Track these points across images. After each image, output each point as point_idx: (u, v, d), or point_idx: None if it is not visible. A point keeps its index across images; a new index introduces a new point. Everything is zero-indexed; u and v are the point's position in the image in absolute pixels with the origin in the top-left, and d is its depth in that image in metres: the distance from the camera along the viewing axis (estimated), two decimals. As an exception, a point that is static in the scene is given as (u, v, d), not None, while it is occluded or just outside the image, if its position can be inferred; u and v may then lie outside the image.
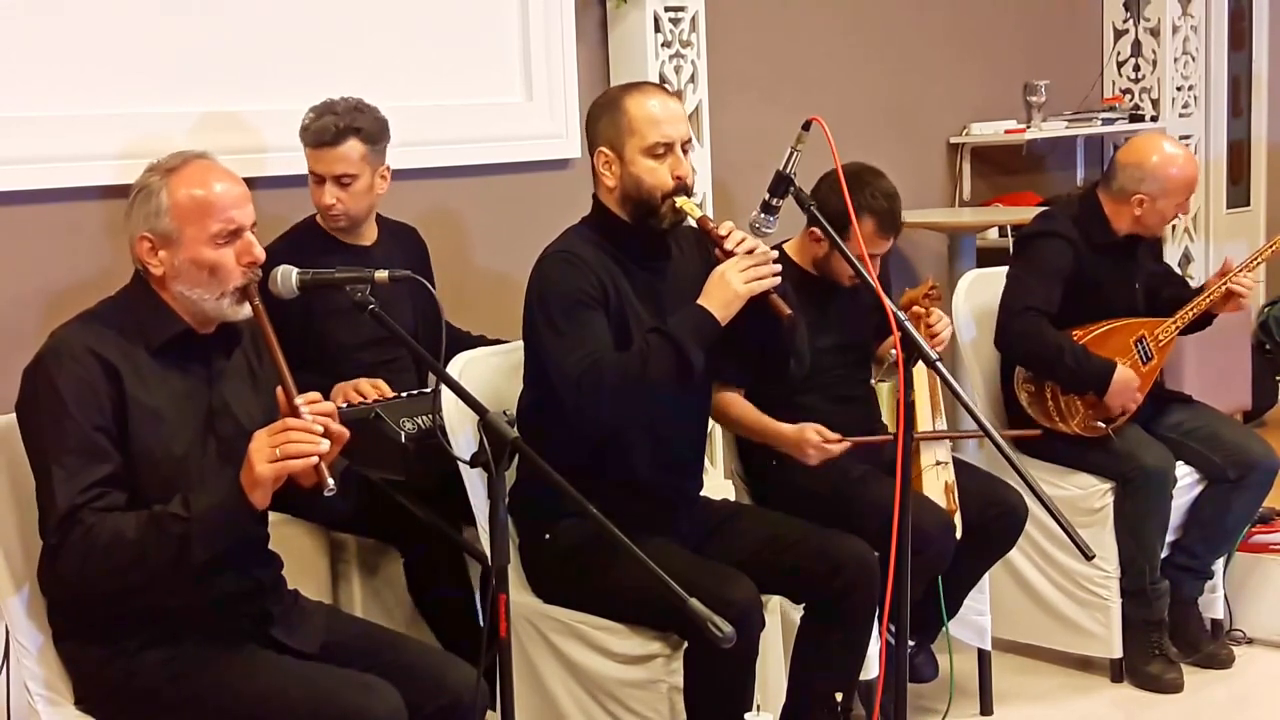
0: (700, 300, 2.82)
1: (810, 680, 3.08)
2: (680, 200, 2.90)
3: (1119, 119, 5.99)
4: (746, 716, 2.62)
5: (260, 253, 2.46)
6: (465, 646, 2.92)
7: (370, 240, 3.55)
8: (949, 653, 3.51)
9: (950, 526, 3.31)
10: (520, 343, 3.07)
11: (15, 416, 2.43)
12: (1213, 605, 4.11)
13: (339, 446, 2.37)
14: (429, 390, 3.30)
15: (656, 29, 4.47)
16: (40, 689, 2.47)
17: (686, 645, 2.84)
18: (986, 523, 3.43)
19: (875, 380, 3.63)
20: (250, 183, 2.53)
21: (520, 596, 3.02)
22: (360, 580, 3.42)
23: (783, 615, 3.11)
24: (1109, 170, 4.00)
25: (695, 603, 2.24)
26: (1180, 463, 3.95)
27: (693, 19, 4.57)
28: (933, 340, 3.38)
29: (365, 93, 3.54)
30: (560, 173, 4.32)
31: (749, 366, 3.23)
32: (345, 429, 2.37)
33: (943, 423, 3.46)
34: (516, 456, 2.33)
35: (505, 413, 3.09)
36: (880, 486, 3.17)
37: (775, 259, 2.86)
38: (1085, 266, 3.87)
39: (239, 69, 3.69)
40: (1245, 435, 4.08)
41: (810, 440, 3.28)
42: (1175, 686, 3.87)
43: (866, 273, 2.77)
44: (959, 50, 5.69)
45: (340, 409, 2.40)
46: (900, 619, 2.78)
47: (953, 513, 3.34)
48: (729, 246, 2.83)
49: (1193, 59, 6.37)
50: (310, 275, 2.49)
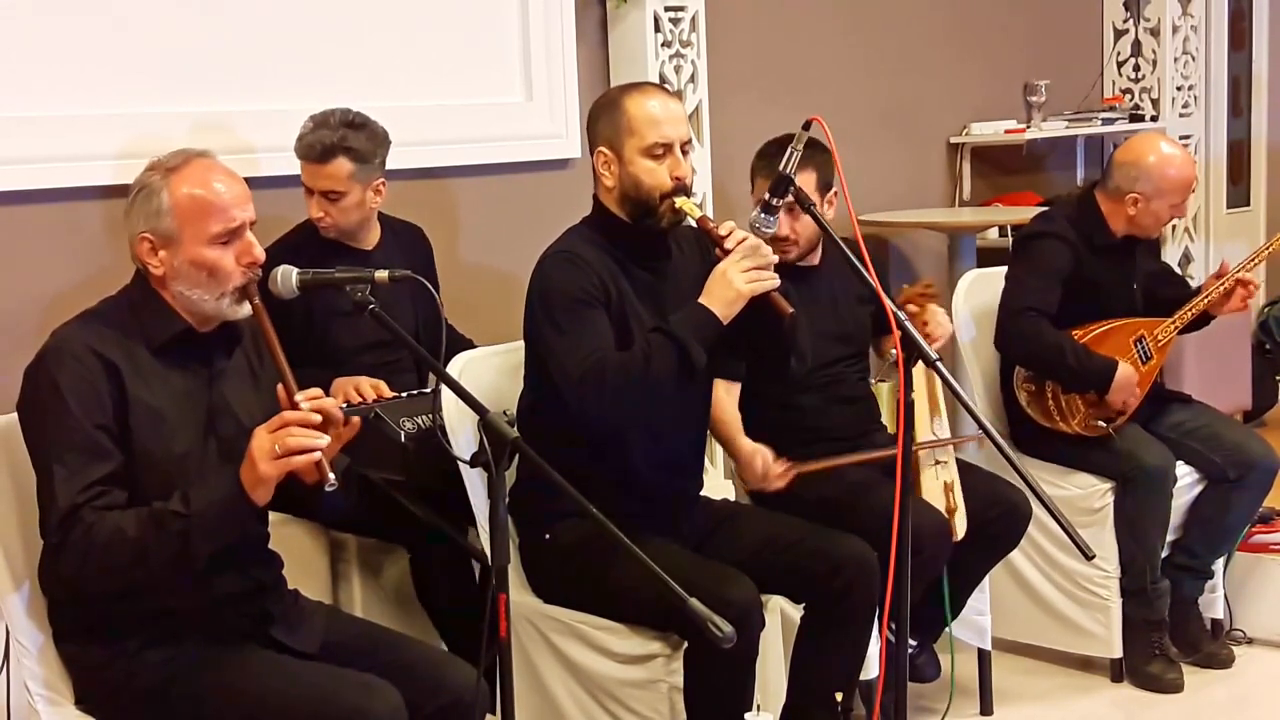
0: (702, 299, 2.82)
1: (810, 680, 3.08)
2: (680, 200, 2.90)
3: (1119, 119, 5.99)
4: (746, 716, 2.62)
5: (260, 253, 2.46)
6: (470, 645, 2.92)
7: (372, 244, 3.54)
8: (950, 652, 3.51)
9: (945, 529, 3.30)
10: (520, 343, 3.07)
11: (16, 416, 2.43)
12: (1213, 605, 4.11)
13: (340, 442, 2.37)
14: (429, 390, 3.31)
15: (656, 29, 4.47)
16: (40, 689, 2.47)
17: (686, 645, 2.84)
18: (990, 521, 3.42)
19: (875, 380, 3.63)
20: (248, 183, 2.53)
21: (520, 596, 3.02)
22: (360, 580, 3.43)
23: (783, 615, 3.11)
24: (1106, 169, 4.00)
25: (695, 603, 2.24)
26: (1180, 462, 3.95)
27: (693, 19, 4.57)
28: (929, 339, 3.38)
29: (365, 92, 3.54)
30: (560, 173, 4.32)
31: (749, 364, 3.24)
32: (347, 420, 2.37)
33: (942, 423, 3.46)
34: (516, 456, 2.33)
35: (505, 413, 3.11)
36: (879, 488, 3.17)
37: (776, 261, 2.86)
38: (1084, 267, 3.87)
39: (239, 69, 3.69)
40: (1245, 435, 4.08)
41: (754, 469, 3.28)
42: (1175, 686, 3.87)
43: (867, 272, 2.77)
44: (959, 50, 5.69)
45: (340, 409, 2.40)
46: (900, 619, 2.78)
47: (952, 511, 3.33)
48: (729, 246, 2.83)
49: (1193, 59, 6.37)
50: (310, 275, 2.49)
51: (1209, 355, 5.23)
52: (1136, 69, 6.31)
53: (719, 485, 4.00)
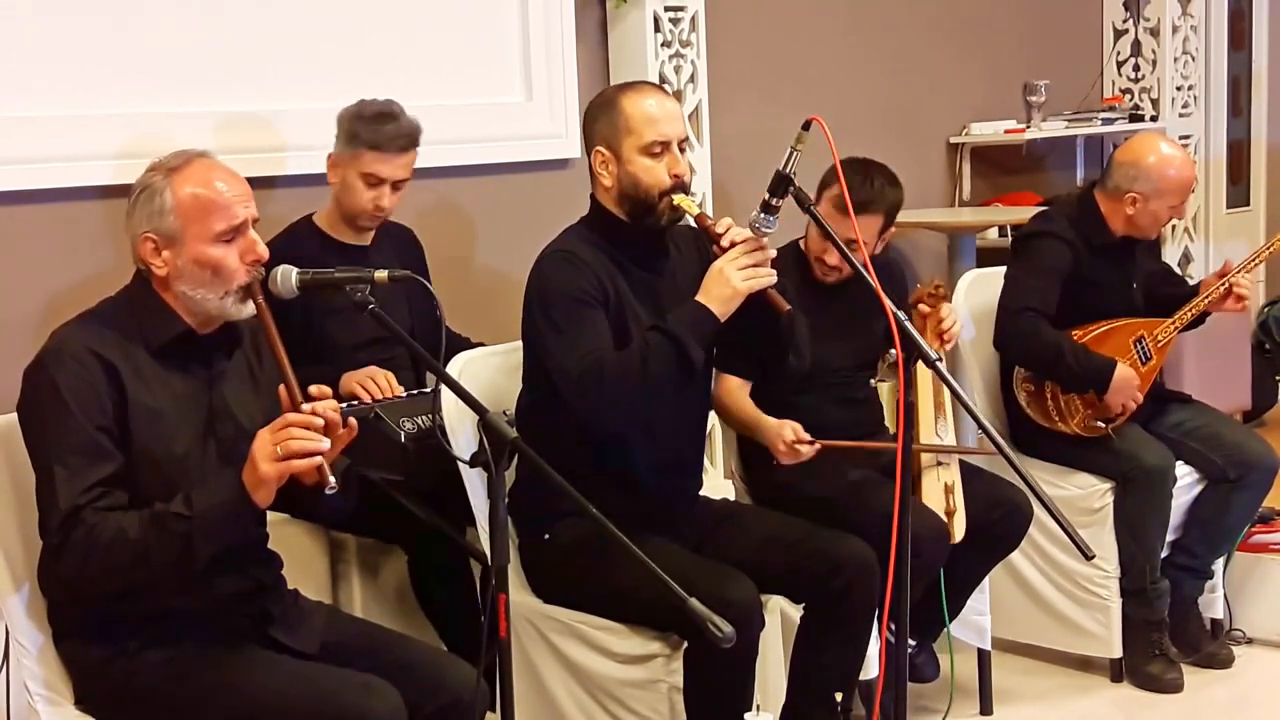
0: (699, 297, 2.83)
1: (810, 680, 3.08)
2: (678, 198, 2.91)
3: (1119, 119, 5.99)
4: (746, 716, 2.62)
5: (264, 250, 2.47)
6: (469, 645, 2.92)
7: (368, 240, 3.55)
8: (950, 653, 3.51)
9: (943, 532, 3.30)
10: (520, 343, 3.07)
11: (16, 416, 2.43)
12: (1213, 605, 4.11)
13: (342, 444, 2.37)
14: (429, 390, 3.31)
15: (656, 29, 4.47)
16: (40, 689, 2.47)
17: (686, 645, 2.84)
18: (992, 522, 3.43)
19: (875, 380, 3.63)
20: (249, 182, 2.53)
21: (520, 596, 3.02)
22: (360, 580, 3.42)
23: (783, 615, 3.11)
24: (1106, 169, 4.00)
25: (695, 603, 2.24)
26: (1180, 462, 3.95)
27: (693, 19, 4.57)
28: (944, 336, 3.39)
29: (365, 92, 3.54)
30: (560, 173, 4.32)
31: (748, 362, 3.24)
32: (353, 425, 2.38)
33: (946, 426, 3.46)
34: (516, 456, 2.33)
35: (505, 413, 3.12)
36: (878, 488, 3.17)
37: (774, 257, 2.86)
38: (1083, 267, 3.87)
39: (239, 69, 3.68)
40: (1245, 435, 4.08)
41: (784, 437, 3.28)
42: (1175, 686, 3.87)
43: (867, 272, 2.77)
44: (959, 50, 5.69)
45: (340, 409, 2.40)
46: (900, 619, 2.78)
47: (952, 514, 3.34)
48: (726, 243, 2.83)
49: (1193, 59, 6.37)
50: (310, 275, 2.49)
51: (1209, 355, 5.23)
52: (1136, 69, 6.31)
53: (719, 485, 4.00)
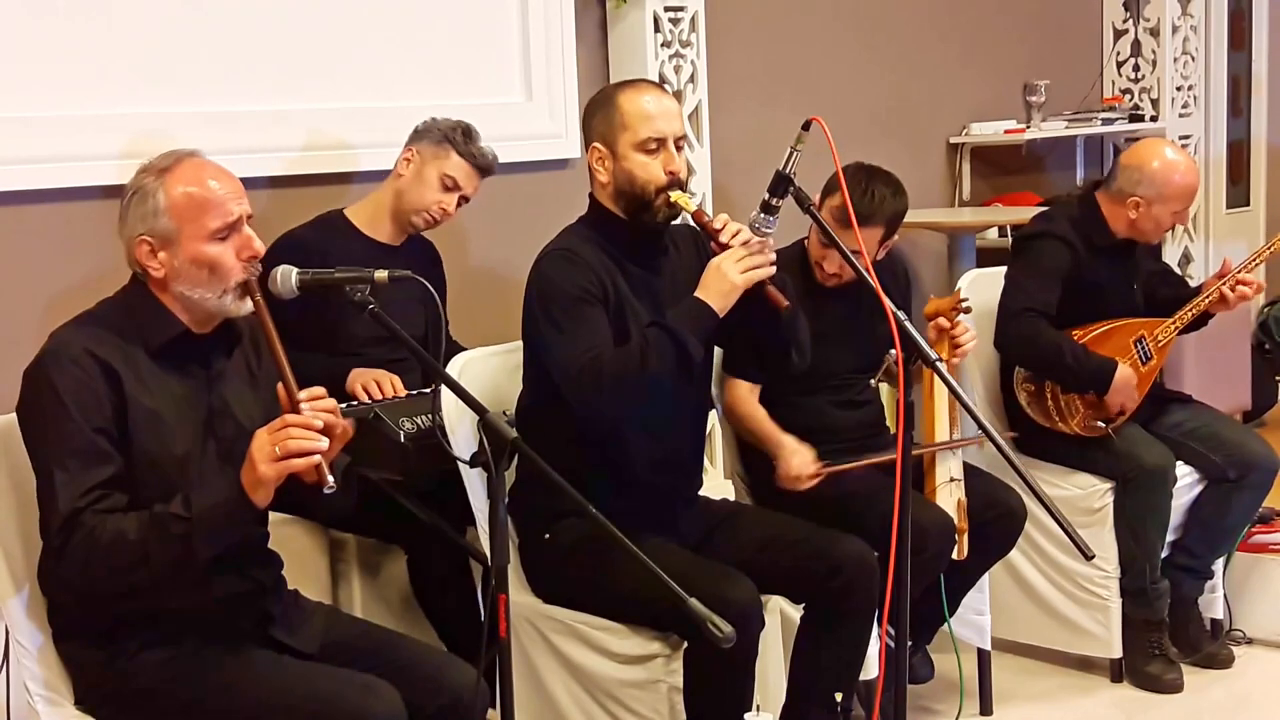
0: (697, 293, 2.83)
1: (810, 680, 3.07)
2: (674, 195, 2.91)
3: (1119, 119, 5.99)
4: (746, 716, 2.62)
5: (259, 246, 2.47)
6: (468, 645, 2.92)
7: (399, 242, 3.58)
8: (955, 653, 3.50)
9: (950, 529, 3.30)
10: (520, 343, 3.07)
11: (15, 418, 2.43)
12: (1213, 605, 4.11)
13: (340, 444, 2.37)
14: (429, 390, 3.31)
15: (656, 29, 4.47)
16: (40, 689, 2.47)
17: (686, 645, 2.84)
18: (985, 525, 3.42)
19: (875, 381, 3.62)
20: (247, 182, 2.53)
21: (520, 596, 3.02)
22: (360, 580, 3.42)
23: (783, 615, 3.11)
24: (1111, 171, 4.00)
25: (695, 603, 2.24)
26: (1180, 462, 3.94)
27: (693, 19, 4.57)
28: (956, 351, 3.39)
29: (365, 92, 3.55)
30: (560, 172, 4.32)
31: (750, 361, 3.24)
32: (350, 424, 2.38)
33: (959, 434, 3.45)
34: (516, 456, 2.33)
35: (505, 413, 3.12)
36: (883, 490, 3.17)
37: (773, 259, 2.86)
38: (1083, 268, 3.87)
39: (239, 69, 3.69)
40: (1245, 435, 4.08)
41: (794, 469, 3.29)
42: (1175, 686, 3.87)
43: (867, 272, 2.77)
44: (959, 50, 5.69)
45: (340, 409, 2.40)
46: (900, 620, 2.78)
47: (962, 533, 3.33)
48: (724, 239, 2.83)
49: (1193, 59, 6.37)
50: (310, 275, 2.49)
51: (1209, 355, 5.23)
52: (1136, 69, 6.31)
53: (719, 485, 4.00)
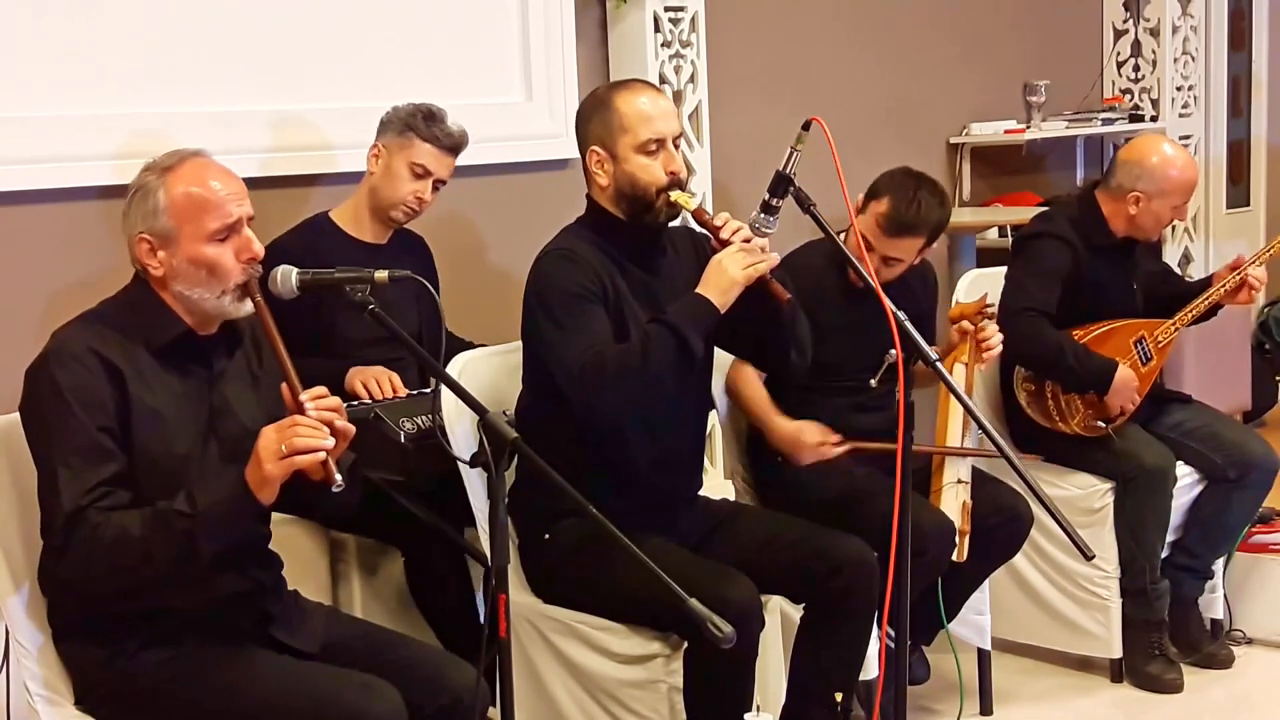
0: (699, 289, 2.83)
1: (810, 680, 3.07)
2: (675, 194, 2.91)
3: (1119, 119, 5.99)
4: (746, 716, 2.62)
5: (259, 248, 2.46)
6: (466, 646, 2.92)
7: (384, 240, 3.57)
8: (954, 654, 3.50)
9: (950, 531, 3.30)
10: (520, 343, 3.07)
11: (18, 416, 2.43)
12: (1213, 605, 4.11)
13: (345, 443, 2.37)
14: (429, 390, 3.31)
15: (656, 29, 4.46)
16: (40, 689, 2.47)
17: (686, 645, 2.84)
18: (991, 528, 3.42)
19: (875, 381, 3.62)
20: (247, 183, 2.53)
21: (520, 596, 3.02)
22: (360, 580, 3.42)
23: (783, 615, 3.11)
24: (1109, 168, 4.00)
25: (695, 603, 2.24)
26: (1180, 462, 3.95)
27: (693, 19, 4.57)
28: (982, 355, 3.39)
29: (365, 92, 3.55)
30: (560, 173, 4.31)
31: (752, 359, 3.24)
32: (351, 425, 2.38)
33: (973, 441, 3.45)
34: (516, 456, 2.33)
35: (505, 413, 3.12)
36: (883, 490, 3.17)
37: (775, 257, 2.87)
38: (1083, 267, 3.87)
39: (238, 69, 3.68)
40: (1245, 435, 4.08)
41: (806, 443, 3.29)
42: (1175, 687, 3.87)
43: (867, 273, 2.77)
44: (959, 50, 5.68)
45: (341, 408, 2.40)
46: (900, 621, 2.78)
47: (964, 535, 3.33)
48: (725, 236, 2.83)
49: (1193, 59, 6.37)
50: (310, 275, 2.49)
51: (1209, 355, 5.23)
52: (1136, 69, 6.31)
53: (719, 485, 4.00)
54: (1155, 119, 6.17)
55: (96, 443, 2.34)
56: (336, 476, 2.28)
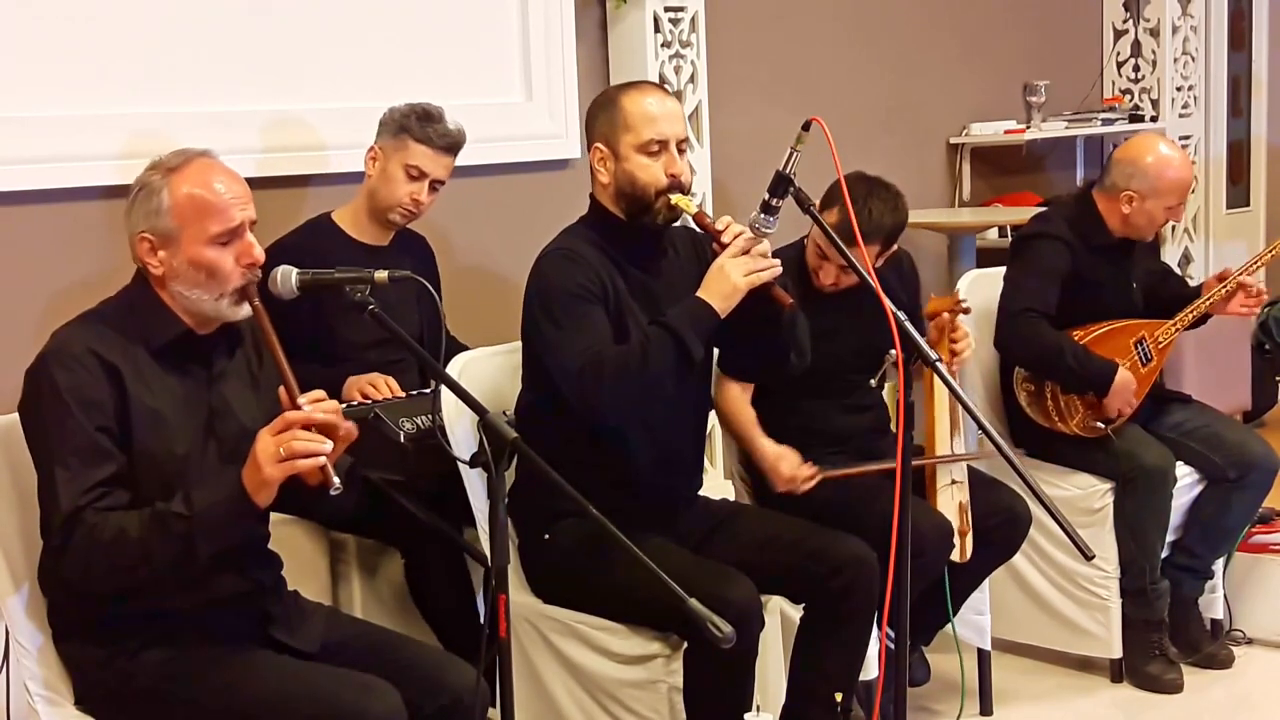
0: (699, 293, 2.83)
1: (810, 680, 3.07)
2: (675, 197, 2.91)
3: (1119, 119, 5.99)
4: (746, 716, 2.62)
5: (260, 254, 2.46)
6: (465, 646, 2.92)
7: (386, 241, 3.57)
8: (958, 654, 3.50)
9: (948, 533, 3.30)
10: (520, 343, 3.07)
11: (17, 416, 2.43)
12: (1213, 605, 4.11)
13: (344, 445, 2.37)
14: (429, 390, 3.31)
15: (656, 29, 4.47)
16: (40, 689, 2.47)
17: (686, 645, 2.84)
18: (990, 529, 3.42)
19: (874, 382, 3.62)
20: (247, 182, 2.53)
21: (520, 597, 3.02)
22: (360, 580, 3.42)
23: (783, 615, 3.11)
24: (1105, 168, 4.00)
25: (695, 603, 2.24)
26: (1180, 463, 3.94)
27: (692, 19, 4.57)
28: (954, 355, 3.38)
29: (365, 93, 3.55)
30: (560, 173, 4.32)
31: (750, 362, 3.24)
32: (354, 427, 2.38)
33: (960, 439, 3.45)
34: (516, 457, 2.33)
35: (505, 413, 3.12)
36: (881, 491, 3.17)
37: (777, 263, 2.86)
38: (1082, 267, 3.87)
39: (238, 69, 3.69)
40: (1245, 435, 4.08)
41: (781, 473, 3.29)
42: (1175, 687, 3.87)
43: (867, 273, 2.77)
44: (959, 50, 5.69)
45: (340, 409, 2.40)
46: (900, 621, 2.77)
47: (964, 534, 3.33)
48: (726, 240, 2.83)
49: (1193, 59, 6.37)
50: (310, 276, 2.49)
51: (1209, 355, 5.23)
52: (1136, 69, 6.31)
53: (719, 485, 4.00)
54: (1155, 119, 6.18)
55: (95, 443, 2.34)
56: (334, 480, 2.28)
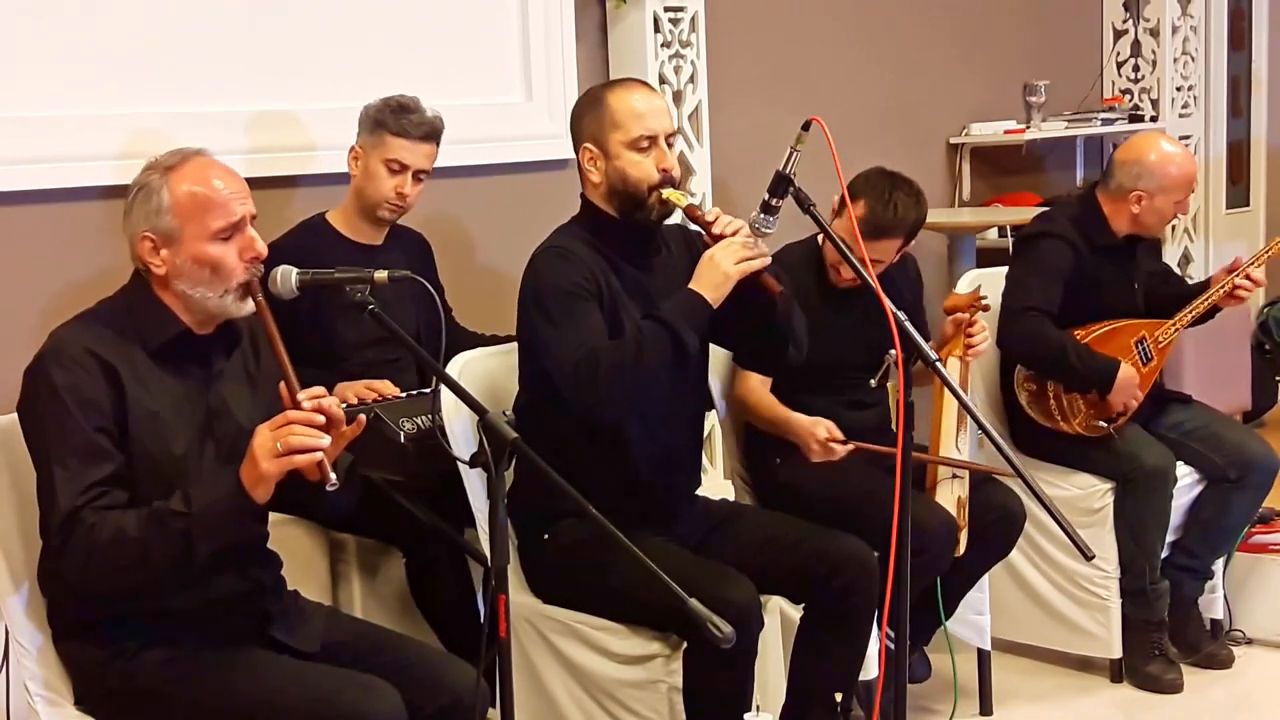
0: (691, 284, 2.83)
1: (810, 680, 3.07)
2: (667, 192, 2.91)
3: (1119, 119, 5.99)
4: (746, 716, 2.62)
5: (262, 248, 2.47)
6: (465, 647, 2.92)
7: (380, 239, 3.57)
8: (950, 654, 3.51)
9: (953, 529, 3.31)
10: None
11: (16, 416, 2.43)
12: (1213, 605, 4.11)
13: (344, 441, 2.37)
14: (429, 390, 3.31)
15: (656, 29, 4.47)
16: (40, 689, 2.47)
17: (686, 645, 2.84)
18: (985, 527, 3.42)
19: (874, 382, 3.62)
20: (248, 183, 2.53)
21: (520, 597, 3.02)
22: (360, 580, 3.42)
23: (783, 615, 3.11)
24: (1107, 169, 4.01)
25: (695, 603, 2.24)
26: (1180, 463, 3.95)
27: (692, 19, 4.57)
28: (969, 350, 3.40)
29: (365, 93, 3.54)
30: (560, 173, 4.31)
31: (748, 355, 3.25)
32: (358, 419, 2.37)
33: (966, 438, 3.45)
34: (516, 457, 2.32)
35: (505, 413, 3.11)
36: (882, 489, 3.17)
37: (766, 251, 2.87)
38: (1085, 267, 3.87)
39: (238, 70, 3.69)
40: (1245, 435, 4.09)
41: (817, 435, 3.30)
42: (1175, 687, 3.87)
43: (867, 273, 2.77)
44: (959, 50, 5.69)
45: (341, 408, 2.40)
46: (900, 621, 2.77)
47: (961, 529, 3.34)
48: (717, 231, 2.84)
49: (1192, 59, 6.37)
50: (310, 275, 2.49)
51: (1209, 355, 5.23)
52: (1136, 69, 6.31)
53: (719, 485, 4.00)
54: (1155, 119, 6.17)
55: (93, 443, 2.34)
56: (331, 476, 2.28)
